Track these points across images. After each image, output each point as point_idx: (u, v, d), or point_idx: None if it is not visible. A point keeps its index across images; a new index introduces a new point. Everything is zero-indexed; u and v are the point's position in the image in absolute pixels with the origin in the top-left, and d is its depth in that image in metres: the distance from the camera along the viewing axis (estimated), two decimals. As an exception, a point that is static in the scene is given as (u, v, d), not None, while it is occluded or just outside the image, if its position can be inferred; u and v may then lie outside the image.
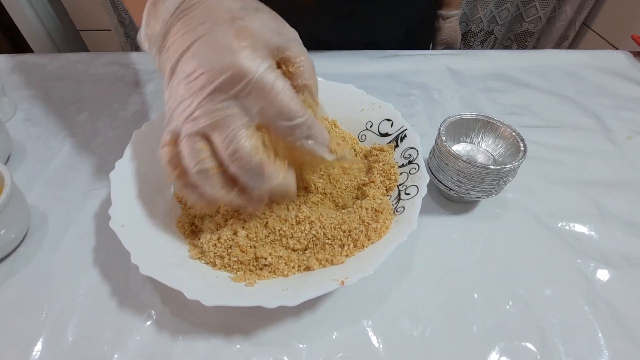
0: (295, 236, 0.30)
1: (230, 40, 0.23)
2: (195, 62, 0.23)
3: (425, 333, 0.29)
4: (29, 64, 0.57)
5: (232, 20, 0.23)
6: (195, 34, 0.23)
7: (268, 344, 0.28)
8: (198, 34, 0.23)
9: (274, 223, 0.30)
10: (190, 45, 0.23)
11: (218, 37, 0.23)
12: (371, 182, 0.34)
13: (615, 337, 0.29)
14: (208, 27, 0.23)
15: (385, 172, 0.35)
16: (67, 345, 0.28)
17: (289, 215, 0.31)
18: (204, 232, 0.31)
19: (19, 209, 0.33)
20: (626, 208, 0.39)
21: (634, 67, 0.60)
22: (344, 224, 0.30)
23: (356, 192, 0.35)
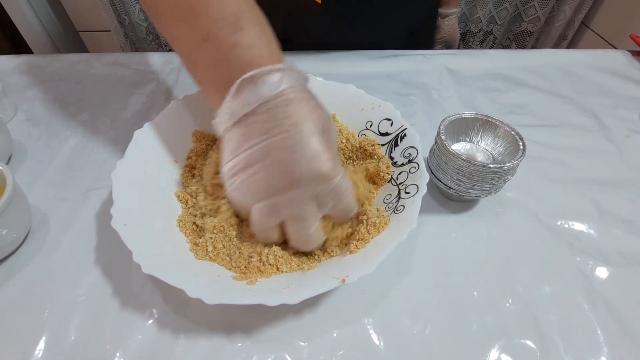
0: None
1: (322, 150, 0.26)
2: (289, 156, 0.26)
3: (426, 331, 0.29)
4: (29, 65, 0.57)
5: (323, 133, 0.27)
6: (288, 132, 0.26)
7: (269, 342, 0.28)
8: (293, 135, 0.26)
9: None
10: (287, 138, 0.26)
11: (314, 146, 0.26)
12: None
13: (614, 334, 0.29)
14: (305, 134, 0.26)
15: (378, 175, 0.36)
16: (69, 344, 0.28)
17: None
18: (206, 231, 0.31)
19: (20, 209, 0.33)
20: (625, 206, 0.39)
21: (632, 67, 0.61)
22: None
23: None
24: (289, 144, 0.25)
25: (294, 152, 0.25)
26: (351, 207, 0.30)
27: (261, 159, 0.26)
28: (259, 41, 0.27)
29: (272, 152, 0.26)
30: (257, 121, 0.26)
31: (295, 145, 0.25)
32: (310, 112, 0.27)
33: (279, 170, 0.26)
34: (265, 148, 0.26)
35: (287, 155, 0.26)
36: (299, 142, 0.25)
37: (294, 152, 0.25)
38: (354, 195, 0.30)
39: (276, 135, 0.26)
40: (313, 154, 0.26)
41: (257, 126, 0.26)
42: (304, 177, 0.26)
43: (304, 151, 0.26)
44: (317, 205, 0.28)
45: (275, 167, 0.26)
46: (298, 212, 0.27)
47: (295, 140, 0.25)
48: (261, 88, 0.25)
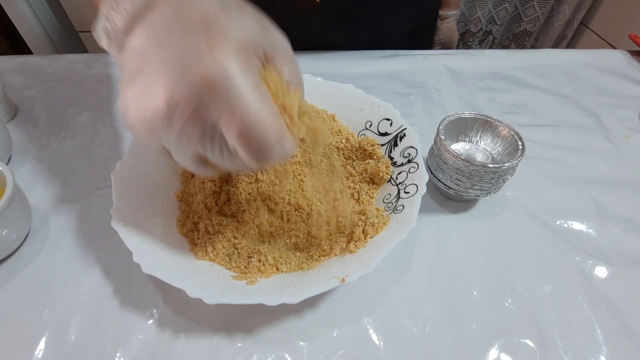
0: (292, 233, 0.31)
1: (201, 55, 0.18)
2: (162, 79, 0.19)
3: (425, 330, 0.29)
4: (29, 65, 0.57)
5: (205, 23, 0.19)
6: (161, 37, 0.19)
7: (269, 341, 0.28)
8: (164, 38, 0.19)
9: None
10: (152, 53, 0.19)
11: (184, 48, 0.19)
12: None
13: (614, 333, 0.29)
14: (174, 31, 0.19)
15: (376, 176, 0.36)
16: (70, 344, 0.28)
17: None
18: (201, 232, 0.31)
19: (20, 210, 0.33)
20: (624, 205, 0.39)
21: (631, 66, 0.61)
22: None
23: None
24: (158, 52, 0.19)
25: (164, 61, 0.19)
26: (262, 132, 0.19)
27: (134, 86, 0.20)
28: None
29: (144, 70, 0.19)
30: (133, 35, 0.20)
31: (164, 52, 0.19)
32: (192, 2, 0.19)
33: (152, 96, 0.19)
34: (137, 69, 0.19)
35: (159, 71, 0.19)
36: (169, 44, 0.19)
37: (163, 61, 0.19)
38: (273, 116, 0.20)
39: (146, 49, 0.19)
40: (186, 57, 0.18)
41: (133, 41, 0.20)
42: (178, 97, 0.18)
43: (173, 56, 0.19)
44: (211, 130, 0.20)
45: (149, 92, 0.19)
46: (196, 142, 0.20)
47: (166, 43, 0.19)
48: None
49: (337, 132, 0.40)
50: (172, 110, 0.19)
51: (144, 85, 0.19)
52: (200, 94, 0.18)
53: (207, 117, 0.19)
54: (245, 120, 0.19)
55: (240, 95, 0.18)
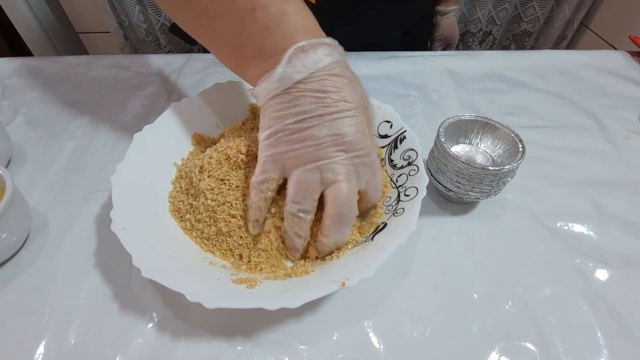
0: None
1: (366, 125, 0.29)
2: (339, 127, 0.28)
3: (426, 333, 0.29)
4: (29, 67, 0.57)
5: (364, 109, 0.29)
6: (342, 102, 0.28)
7: (269, 345, 0.28)
8: (345, 105, 0.28)
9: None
10: (338, 110, 0.28)
11: (364, 120, 0.29)
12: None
13: (614, 336, 0.29)
14: (354, 106, 0.28)
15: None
16: (69, 348, 0.28)
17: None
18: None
19: (20, 213, 0.33)
20: (624, 207, 0.39)
21: (631, 67, 0.61)
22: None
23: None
24: (340, 116, 0.27)
25: (344, 124, 0.27)
26: (379, 187, 0.32)
27: (313, 125, 0.27)
28: (305, 11, 0.29)
29: (324, 120, 0.27)
30: (308, 89, 0.27)
31: (345, 118, 0.28)
32: (354, 88, 0.29)
33: (330, 138, 0.27)
34: (318, 116, 0.27)
35: (337, 125, 0.27)
36: (349, 115, 0.28)
37: (343, 123, 0.27)
38: (382, 177, 0.32)
39: (328, 106, 0.27)
40: (359, 127, 0.28)
41: (309, 94, 0.27)
42: (352, 145, 0.28)
43: (352, 123, 0.28)
44: (355, 175, 0.29)
45: (327, 135, 0.27)
46: (342, 174, 0.28)
47: (345, 113, 0.28)
48: (312, 58, 0.27)
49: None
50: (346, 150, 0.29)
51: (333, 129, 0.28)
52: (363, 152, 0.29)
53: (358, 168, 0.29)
54: (377, 178, 0.31)
55: (376, 162, 0.31)
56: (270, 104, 0.29)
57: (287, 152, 0.28)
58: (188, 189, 0.34)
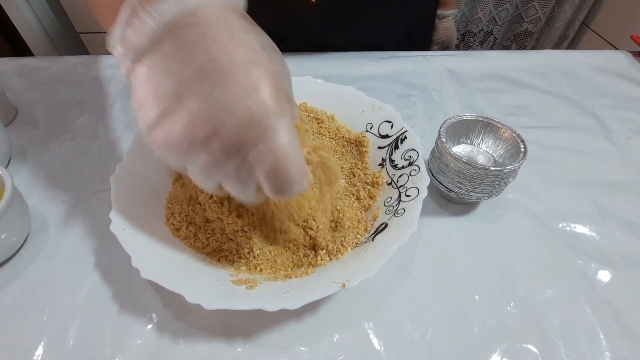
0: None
1: (249, 92, 0.19)
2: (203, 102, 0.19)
3: (427, 335, 0.29)
4: (29, 67, 0.57)
5: (251, 64, 0.20)
6: (203, 67, 0.19)
7: (269, 346, 0.28)
8: (207, 69, 0.19)
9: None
10: (195, 81, 0.19)
11: (235, 85, 0.19)
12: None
13: (617, 337, 0.29)
14: (220, 67, 0.19)
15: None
16: (68, 349, 0.28)
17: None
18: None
19: (19, 213, 0.33)
20: (626, 208, 0.39)
21: (633, 67, 0.61)
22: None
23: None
24: (203, 86, 0.19)
25: (208, 95, 0.19)
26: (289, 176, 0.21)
27: (173, 108, 0.20)
28: None
29: (184, 98, 0.19)
30: (161, 56, 0.20)
31: (206, 84, 0.19)
32: (232, 36, 0.20)
33: (193, 121, 0.19)
34: (175, 94, 0.20)
35: (200, 100, 0.19)
36: (216, 80, 0.19)
37: (207, 95, 0.19)
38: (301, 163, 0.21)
39: (187, 76, 0.19)
40: (230, 94, 0.19)
41: (162, 64, 0.20)
42: (220, 128, 0.19)
43: (216, 89, 0.19)
44: (243, 165, 0.21)
45: (189, 117, 0.19)
46: (225, 172, 0.21)
47: (211, 79, 0.19)
48: (164, 5, 0.19)
49: (334, 130, 0.40)
50: (210, 141, 0.20)
51: (184, 114, 0.20)
52: (243, 131, 0.19)
53: (242, 152, 0.20)
54: (278, 159, 0.20)
55: (279, 136, 0.20)
56: (131, 82, 0.22)
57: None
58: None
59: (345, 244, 0.31)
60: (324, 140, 0.39)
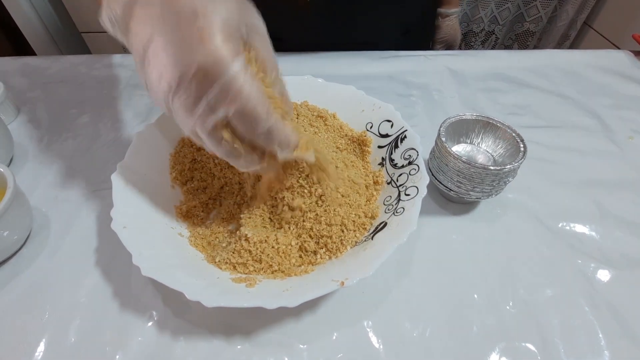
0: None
1: (194, 43, 0.21)
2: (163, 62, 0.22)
3: (426, 333, 0.29)
4: (31, 66, 0.58)
5: (194, 14, 0.21)
6: (156, 26, 0.22)
7: (269, 344, 0.28)
8: (160, 28, 0.22)
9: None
10: (151, 39, 0.22)
11: (180, 39, 0.21)
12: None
13: (616, 337, 0.29)
14: (169, 22, 0.22)
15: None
16: (70, 346, 0.28)
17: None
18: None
19: (21, 211, 0.33)
20: (627, 208, 0.39)
21: (634, 67, 0.60)
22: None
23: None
24: (171, 37, 0.21)
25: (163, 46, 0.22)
26: (254, 114, 0.23)
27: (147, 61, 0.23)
28: None
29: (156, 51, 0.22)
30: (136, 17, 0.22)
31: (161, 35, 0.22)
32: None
33: (164, 69, 0.22)
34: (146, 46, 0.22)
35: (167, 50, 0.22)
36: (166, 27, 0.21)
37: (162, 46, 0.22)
38: (262, 100, 0.23)
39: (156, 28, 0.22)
40: (180, 42, 0.21)
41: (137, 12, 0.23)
42: (178, 77, 0.22)
43: (169, 41, 0.21)
44: (209, 109, 0.23)
45: (160, 67, 0.22)
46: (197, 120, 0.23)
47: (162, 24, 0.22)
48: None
49: (338, 129, 0.40)
50: (175, 91, 0.22)
51: (153, 70, 0.23)
52: (198, 80, 0.22)
53: (204, 98, 0.22)
54: (239, 100, 0.22)
55: (233, 79, 0.22)
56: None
57: None
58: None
59: (345, 243, 0.31)
60: (330, 136, 0.39)
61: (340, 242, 0.31)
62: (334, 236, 0.31)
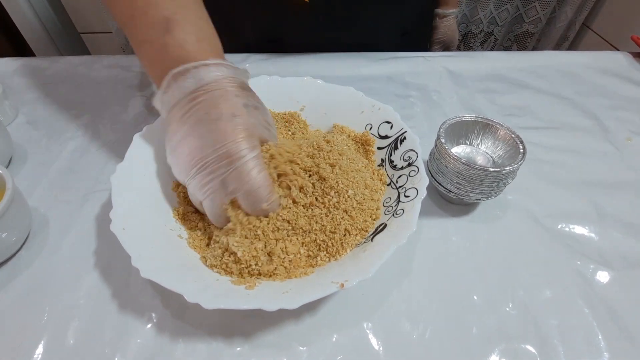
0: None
1: (227, 131, 0.28)
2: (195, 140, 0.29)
3: (425, 335, 0.29)
4: (30, 67, 0.57)
5: (233, 116, 0.29)
6: (200, 119, 0.29)
7: (268, 346, 0.28)
8: (202, 121, 0.29)
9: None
10: (193, 130, 0.29)
11: (219, 129, 0.28)
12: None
13: (615, 338, 0.29)
14: (212, 118, 0.29)
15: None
16: (68, 348, 0.28)
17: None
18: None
19: (20, 212, 0.33)
20: (625, 209, 0.39)
21: (633, 68, 0.61)
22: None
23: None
24: (197, 128, 0.29)
25: (201, 135, 0.29)
26: (257, 195, 0.29)
27: (177, 143, 0.30)
28: (187, 40, 0.30)
29: (187, 138, 0.29)
30: (180, 110, 0.30)
31: (201, 128, 0.29)
32: (225, 99, 0.29)
33: (190, 153, 0.29)
34: (182, 133, 0.30)
35: (195, 139, 0.29)
36: (205, 124, 0.29)
37: (201, 135, 0.29)
38: (266, 184, 0.29)
39: (191, 124, 0.29)
40: (215, 135, 0.28)
41: (178, 115, 0.30)
42: (206, 157, 0.28)
43: (207, 132, 0.28)
44: (221, 185, 0.29)
45: (188, 151, 0.29)
46: (206, 190, 0.29)
47: (203, 123, 0.29)
48: (187, 81, 0.29)
49: (339, 131, 0.40)
50: (200, 168, 0.29)
51: (184, 148, 0.30)
52: (221, 160, 0.28)
53: (220, 175, 0.29)
54: (246, 182, 0.29)
55: (247, 163, 0.29)
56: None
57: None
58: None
59: (345, 245, 0.31)
60: (344, 139, 0.39)
61: (341, 245, 0.31)
62: (335, 239, 0.31)
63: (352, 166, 0.34)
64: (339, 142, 0.36)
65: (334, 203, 0.31)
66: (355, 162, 0.35)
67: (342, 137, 0.39)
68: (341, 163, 0.33)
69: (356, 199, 0.32)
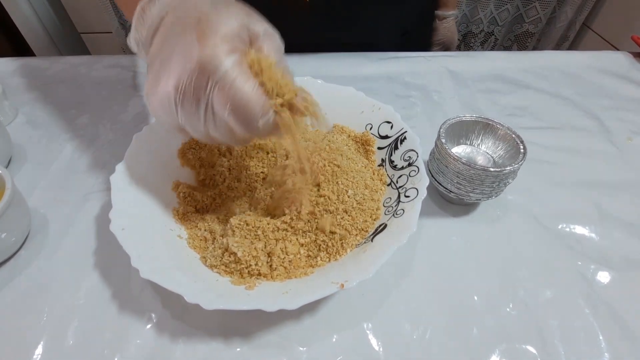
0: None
1: (191, 46, 0.23)
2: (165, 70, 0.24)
3: (425, 335, 0.29)
4: (30, 67, 0.57)
5: (198, 22, 0.24)
6: (166, 40, 0.25)
7: (268, 347, 0.28)
8: (167, 42, 0.25)
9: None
10: (158, 55, 0.25)
11: (181, 43, 0.24)
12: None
13: (616, 339, 0.29)
14: (176, 32, 0.24)
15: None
16: (68, 349, 0.28)
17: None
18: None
19: (19, 213, 0.33)
20: (626, 209, 0.39)
21: (634, 68, 0.60)
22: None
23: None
24: (164, 50, 0.24)
25: (167, 58, 0.24)
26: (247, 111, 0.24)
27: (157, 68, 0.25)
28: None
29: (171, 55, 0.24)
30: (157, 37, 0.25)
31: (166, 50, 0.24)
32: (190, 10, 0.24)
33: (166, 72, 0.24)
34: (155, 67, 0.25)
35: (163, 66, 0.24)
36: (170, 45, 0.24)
37: (166, 59, 0.24)
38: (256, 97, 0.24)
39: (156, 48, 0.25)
40: (186, 44, 0.23)
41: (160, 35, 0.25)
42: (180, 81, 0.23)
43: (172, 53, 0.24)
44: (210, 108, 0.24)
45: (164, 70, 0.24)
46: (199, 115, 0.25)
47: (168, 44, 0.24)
48: (153, 9, 0.25)
49: (340, 131, 0.40)
50: (177, 92, 0.24)
51: (155, 77, 0.25)
52: (195, 76, 0.23)
53: (203, 96, 0.23)
54: (232, 96, 0.23)
55: (226, 73, 0.23)
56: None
57: None
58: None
59: (346, 246, 0.31)
60: (344, 139, 0.39)
61: (341, 245, 0.31)
62: (335, 239, 0.31)
63: (352, 166, 0.34)
64: (339, 142, 0.36)
65: (334, 203, 0.31)
66: (355, 162, 0.35)
67: (342, 137, 0.39)
68: (341, 163, 0.33)
69: (356, 199, 0.32)
